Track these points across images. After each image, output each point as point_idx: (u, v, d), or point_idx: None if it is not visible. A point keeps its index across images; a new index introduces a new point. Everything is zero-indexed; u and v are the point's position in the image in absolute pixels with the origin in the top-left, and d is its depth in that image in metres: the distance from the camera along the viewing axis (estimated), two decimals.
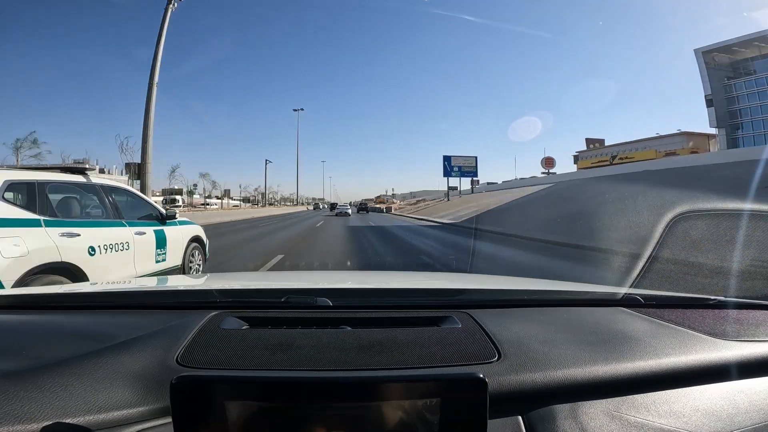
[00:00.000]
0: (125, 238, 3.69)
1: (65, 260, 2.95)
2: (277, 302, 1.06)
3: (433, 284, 1.58)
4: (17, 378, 0.67)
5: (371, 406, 0.58)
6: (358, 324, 0.94)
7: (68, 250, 2.99)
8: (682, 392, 0.73)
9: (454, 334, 0.88)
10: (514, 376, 0.72)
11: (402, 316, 1.00)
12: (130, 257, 3.73)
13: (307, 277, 2.31)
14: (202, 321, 0.92)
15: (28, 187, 3.02)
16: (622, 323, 0.98)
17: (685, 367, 0.78)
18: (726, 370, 0.78)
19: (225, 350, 0.79)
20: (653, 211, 8.04)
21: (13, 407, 0.60)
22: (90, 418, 0.61)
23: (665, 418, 0.67)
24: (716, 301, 1.14)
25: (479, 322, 0.93)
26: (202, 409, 0.56)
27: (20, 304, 1.15)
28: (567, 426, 0.65)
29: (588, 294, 1.32)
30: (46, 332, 0.92)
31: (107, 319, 1.01)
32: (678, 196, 4.73)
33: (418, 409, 0.58)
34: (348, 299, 1.13)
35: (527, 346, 0.82)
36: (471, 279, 2.07)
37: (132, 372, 0.71)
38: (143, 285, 1.60)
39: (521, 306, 1.12)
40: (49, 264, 2.80)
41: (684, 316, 1.03)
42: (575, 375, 0.73)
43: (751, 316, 1.07)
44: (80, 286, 1.36)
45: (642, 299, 1.13)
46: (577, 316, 1.05)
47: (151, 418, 0.64)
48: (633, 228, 7.96)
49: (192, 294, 1.34)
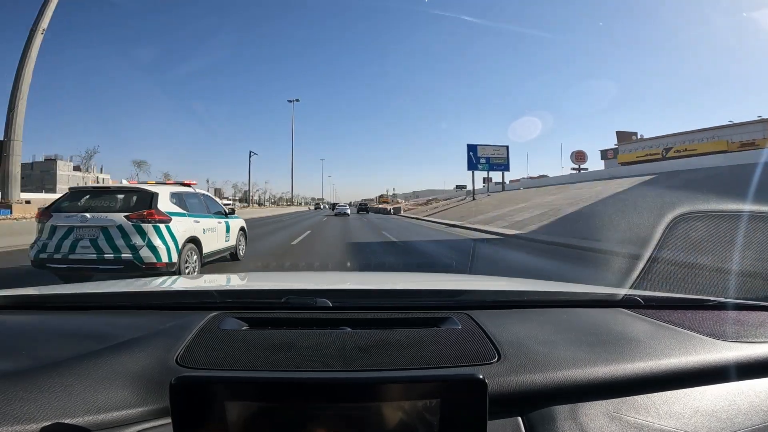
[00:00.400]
0: (214, 225, 6.20)
1: (194, 235, 5.45)
2: (277, 303, 1.06)
3: (432, 285, 1.57)
4: (17, 378, 0.67)
5: (371, 406, 0.58)
6: (358, 325, 0.94)
7: (196, 230, 5.54)
8: (682, 393, 0.73)
9: (453, 335, 0.88)
10: (513, 377, 0.72)
11: (402, 317, 1.00)
12: (215, 237, 6.19)
13: (307, 277, 2.31)
14: (202, 321, 0.92)
15: (177, 195, 5.52)
16: (622, 324, 0.98)
17: (685, 368, 0.78)
18: (726, 372, 0.78)
19: (225, 351, 0.79)
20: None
21: (12, 407, 0.60)
22: (90, 418, 0.61)
23: (665, 419, 0.67)
24: (716, 302, 1.14)
25: (479, 323, 0.93)
26: (201, 410, 0.56)
27: (20, 304, 1.15)
28: (567, 427, 0.65)
29: (588, 295, 1.32)
30: (46, 332, 0.92)
31: (107, 320, 1.01)
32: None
33: (418, 410, 0.58)
34: (348, 300, 1.13)
35: (527, 347, 0.82)
36: (471, 280, 2.07)
37: (132, 372, 0.71)
38: (143, 286, 1.60)
39: (521, 307, 1.12)
40: (190, 237, 5.33)
41: (684, 317, 1.03)
42: (575, 376, 0.73)
43: (751, 317, 1.07)
44: (80, 287, 1.36)
45: (642, 300, 1.13)
46: (577, 317, 1.05)
47: (150, 419, 0.64)
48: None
49: (192, 294, 1.34)
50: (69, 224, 4.69)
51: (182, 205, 5.46)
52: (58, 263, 4.66)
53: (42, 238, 4.77)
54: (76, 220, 4.68)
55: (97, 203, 4.95)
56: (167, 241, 4.84)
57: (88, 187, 5.76)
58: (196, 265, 5.44)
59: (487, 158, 38.53)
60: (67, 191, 5.44)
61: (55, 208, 4.99)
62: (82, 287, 1.35)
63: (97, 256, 4.59)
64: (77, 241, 4.64)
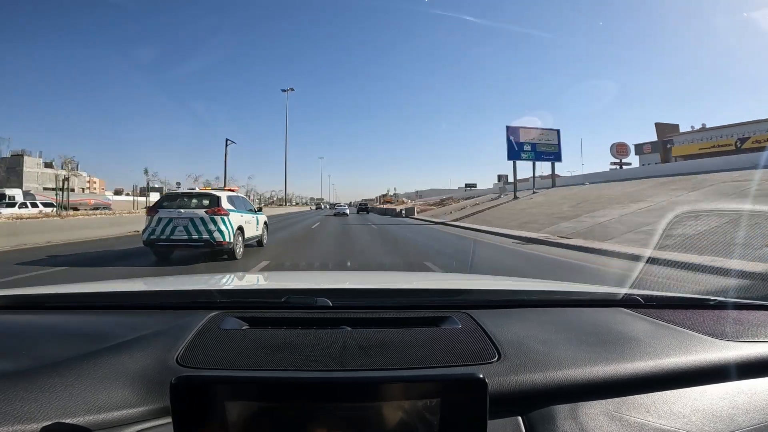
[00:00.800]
0: (250, 218, 8.61)
1: (240, 225, 7.70)
2: (277, 302, 1.06)
3: (433, 284, 1.57)
4: (17, 378, 0.67)
5: (371, 406, 0.58)
6: (358, 324, 0.94)
7: (241, 221, 7.84)
8: (682, 393, 0.73)
9: (454, 334, 0.88)
10: (514, 377, 0.72)
11: (402, 317, 1.00)
12: (251, 227, 8.59)
13: (307, 277, 2.31)
14: (202, 321, 0.92)
15: (230, 197, 7.93)
16: (622, 324, 0.98)
17: (685, 367, 0.78)
18: (726, 371, 0.78)
19: (225, 350, 0.79)
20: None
21: (12, 407, 0.60)
22: (90, 418, 0.61)
23: (665, 419, 0.67)
24: (716, 301, 1.14)
25: (479, 322, 0.93)
26: (202, 409, 0.56)
27: (20, 304, 1.15)
28: (567, 426, 0.65)
29: (588, 294, 1.32)
30: (46, 332, 0.92)
31: (107, 319, 1.01)
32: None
33: (418, 410, 0.58)
34: (348, 299, 1.13)
35: (527, 347, 0.82)
36: (471, 279, 2.07)
37: (132, 372, 0.71)
38: (143, 285, 1.59)
39: (521, 306, 1.12)
40: (239, 226, 7.62)
41: (684, 317, 1.03)
42: (575, 375, 0.73)
43: (751, 316, 1.07)
44: (80, 287, 1.36)
45: (642, 300, 1.13)
46: (577, 316, 1.05)
47: (151, 418, 0.64)
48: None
49: (192, 294, 1.34)
50: (169, 216, 7.22)
51: (233, 204, 7.95)
52: (162, 242, 7.22)
53: (151, 225, 7.26)
54: (174, 214, 7.24)
55: (185, 202, 7.63)
56: (228, 228, 7.35)
57: (177, 192, 9.50)
58: (242, 246, 7.87)
59: (533, 144, 28.16)
60: (164, 194, 9.31)
61: (159, 206, 7.64)
62: (82, 287, 1.34)
63: (187, 237, 7.13)
64: (174, 228, 7.17)
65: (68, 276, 6.03)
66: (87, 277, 5.75)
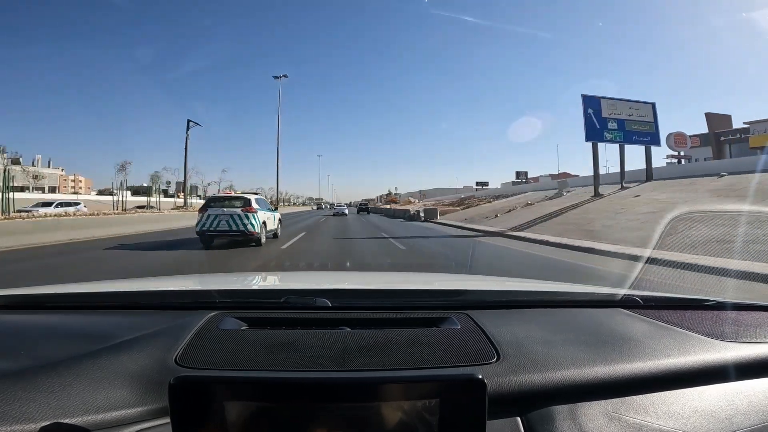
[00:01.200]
0: (270, 215, 11.29)
1: (264, 220, 10.46)
2: (277, 303, 1.06)
3: (432, 285, 1.57)
4: (16, 378, 0.67)
5: (370, 406, 0.58)
6: (358, 325, 0.94)
7: (264, 217, 10.56)
8: (681, 393, 0.73)
9: (453, 335, 0.88)
10: (513, 377, 0.72)
11: (401, 317, 1.00)
12: (271, 222, 11.20)
13: (306, 277, 2.31)
14: (201, 321, 0.92)
15: (257, 199, 10.83)
16: (621, 324, 0.98)
17: (683, 368, 0.78)
18: (724, 372, 0.78)
19: (224, 351, 0.79)
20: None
21: (11, 407, 0.60)
22: (88, 418, 0.61)
23: (664, 419, 0.67)
24: (715, 302, 1.14)
25: (478, 323, 0.93)
26: (201, 410, 0.56)
27: (20, 304, 1.15)
28: (566, 427, 0.65)
29: (587, 295, 1.32)
30: (45, 332, 0.92)
31: (107, 319, 1.01)
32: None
33: (418, 410, 0.58)
34: (347, 300, 1.13)
35: (526, 347, 0.82)
36: (470, 280, 2.07)
37: (131, 372, 0.71)
38: (142, 285, 1.59)
39: (520, 307, 1.12)
40: (263, 220, 10.33)
41: (683, 318, 1.03)
42: (574, 376, 0.73)
43: (749, 317, 1.07)
44: (79, 286, 1.35)
45: (641, 300, 1.13)
46: (576, 317, 1.05)
47: (149, 419, 0.64)
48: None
49: (191, 294, 1.34)
50: (215, 213, 9.72)
51: (259, 204, 10.52)
52: (210, 232, 9.72)
53: (202, 220, 9.75)
54: (219, 212, 9.73)
55: (226, 203, 10.06)
56: (257, 222, 9.86)
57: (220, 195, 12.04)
58: (265, 236, 10.29)
59: (619, 122, 19.83)
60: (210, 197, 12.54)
61: (207, 206, 10.10)
62: (81, 287, 1.34)
63: (228, 228, 9.58)
64: (219, 222, 9.63)
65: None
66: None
